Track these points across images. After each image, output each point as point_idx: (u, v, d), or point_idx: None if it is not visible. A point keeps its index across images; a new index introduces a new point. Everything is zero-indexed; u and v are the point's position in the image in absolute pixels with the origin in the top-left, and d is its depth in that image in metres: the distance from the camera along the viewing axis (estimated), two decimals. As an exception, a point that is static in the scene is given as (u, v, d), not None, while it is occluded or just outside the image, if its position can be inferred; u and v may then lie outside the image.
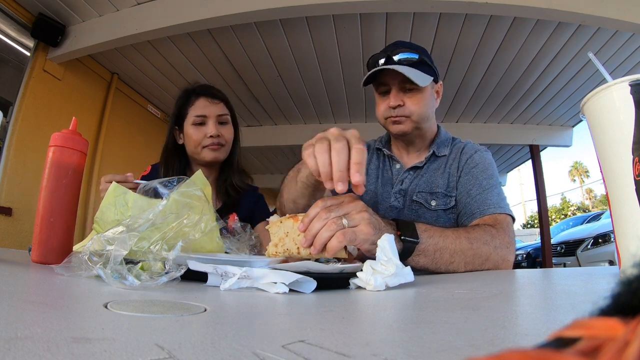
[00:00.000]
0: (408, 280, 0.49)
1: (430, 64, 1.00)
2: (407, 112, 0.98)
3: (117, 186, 0.66)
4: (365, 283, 0.48)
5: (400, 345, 0.22)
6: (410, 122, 0.99)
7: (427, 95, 0.99)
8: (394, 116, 0.98)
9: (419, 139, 1.06)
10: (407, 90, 0.97)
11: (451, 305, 0.39)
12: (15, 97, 2.62)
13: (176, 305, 0.33)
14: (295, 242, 0.60)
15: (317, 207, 0.61)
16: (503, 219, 0.88)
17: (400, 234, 0.67)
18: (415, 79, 0.93)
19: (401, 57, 0.96)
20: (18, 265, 0.60)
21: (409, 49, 0.98)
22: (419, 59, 0.97)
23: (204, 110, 1.19)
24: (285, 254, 0.61)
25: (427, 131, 1.05)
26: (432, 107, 1.03)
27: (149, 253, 0.48)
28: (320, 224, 0.58)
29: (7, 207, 2.48)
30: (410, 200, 1.01)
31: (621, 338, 0.09)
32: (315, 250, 0.58)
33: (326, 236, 0.58)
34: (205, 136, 1.19)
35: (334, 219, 0.59)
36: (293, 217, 0.62)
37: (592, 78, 3.45)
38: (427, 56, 1.00)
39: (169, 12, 2.57)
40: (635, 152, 0.43)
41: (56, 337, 0.20)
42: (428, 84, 0.97)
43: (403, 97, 0.98)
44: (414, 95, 0.97)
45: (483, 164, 0.98)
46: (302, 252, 0.60)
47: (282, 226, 0.62)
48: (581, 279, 0.57)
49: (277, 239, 0.62)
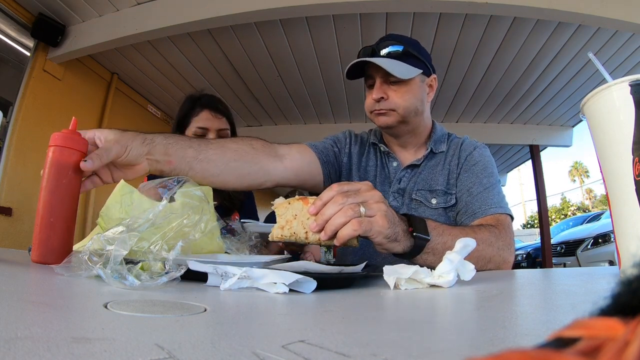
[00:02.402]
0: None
1: (418, 56, 0.97)
2: (393, 105, 0.95)
3: (124, 184, 0.66)
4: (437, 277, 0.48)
5: (400, 345, 0.22)
6: (396, 114, 0.96)
7: (414, 88, 0.96)
8: (377, 109, 0.97)
9: (408, 135, 1.03)
10: (392, 82, 0.95)
11: (451, 305, 0.39)
12: (15, 97, 2.62)
13: (176, 305, 0.33)
14: (303, 225, 0.57)
15: (332, 190, 0.58)
16: (504, 219, 0.87)
17: (412, 231, 0.66)
18: (396, 71, 0.91)
19: (387, 50, 0.95)
20: (18, 265, 0.60)
21: (395, 42, 0.96)
22: (403, 51, 0.94)
23: (206, 123, 1.24)
24: (291, 237, 0.58)
25: (418, 126, 1.02)
26: (421, 100, 0.99)
27: (149, 253, 0.48)
28: (335, 208, 0.56)
29: (7, 207, 2.48)
30: (409, 199, 0.99)
31: (621, 338, 0.09)
32: (326, 236, 0.55)
33: (340, 222, 0.55)
34: None
35: (351, 205, 0.56)
36: (303, 199, 0.59)
37: (592, 78, 3.45)
38: (415, 48, 0.98)
39: (169, 12, 2.57)
40: (635, 152, 0.43)
41: (56, 337, 0.20)
42: (413, 76, 0.95)
43: (387, 89, 0.95)
44: (399, 88, 0.95)
45: (483, 162, 0.97)
46: (310, 237, 0.57)
47: (290, 207, 0.59)
48: (581, 279, 0.58)
49: (283, 221, 0.58)
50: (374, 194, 0.61)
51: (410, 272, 0.48)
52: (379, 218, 0.58)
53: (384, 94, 0.95)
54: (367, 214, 0.58)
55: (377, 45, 0.97)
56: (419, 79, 0.98)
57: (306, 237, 0.57)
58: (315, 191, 0.97)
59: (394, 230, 0.61)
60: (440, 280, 0.48)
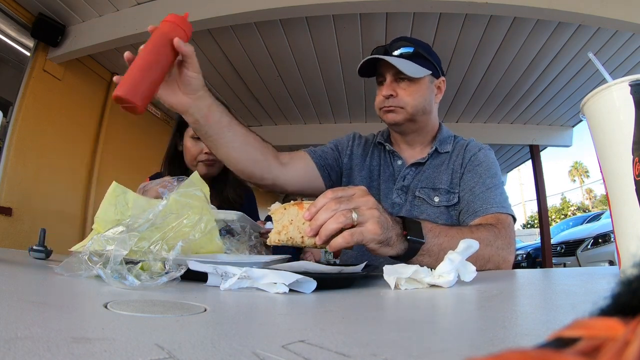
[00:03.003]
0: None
1: (428, 58, 1.02)
2: (401, 103, 0.99)
3: (117, 186, 0.66)
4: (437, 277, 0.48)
5: (400, 345, 0.22)
6: (405, 112, 1.00)
7: (422, 87, 1.01)
8: (386, 106, 1.01)
9: (415, 133, 1.06)
10: (401, 81, 1.00)
11: (451, 305, 0.39)
12: (15, 97, 2.62)
13: (176, 305, 0.33)
14: (299, 230, 0.58)
15: (326, 197, 0.59)
16: (505, 218, 0.87)
17: (406, 234, 0.66)
18: (407, 70, 0.96)
19: (399, 51, 1.00)
20: (18, 265, 0.60)
21: (407, 43, 1.01)
22: (414, 52, 0.99)
23: None
24: (288, 242, 0.59)
25: (425, 125, 1.06)
26: (429, 100, 1.03)
27: (149, 253, 0.48)
28: (328, 214, 0.57)
29: (7, 207, 2.48)
30: (412, 196, 1.00)
31: (621, 338, 0.09)
32: (320, 240, 0.57)
33: (333, 228, 0.56)
34: (201, 151, 1.23)
35: (344, 211, 0.57)
36: (298, 204, 0.60)
37: (592, 78, 3.45)
38: (425, 50, 1.02)
39: (168, 12, 2.52)
40: (635, 152, 0.43)
41: (56, 337, 0.20)
42: (421, 75, 0.99)
43: (397, 87, 1.00)
44: (408, 87, 0.99)
45: (487, 163, 0.98)
46: (306, 241, 0.58)
47: (286, 213, 0.60)
48: (581, 279, 0.58)
49: (280, 226, 0.60)
50: (368, 200, 0.61)
51: (410, 272, 0.48)
52: (371, 225, 0.59)
53: (394, 91, 0.99)
54: (359, 220, 0.58)
55: (390, 45, 1.02)
56: (428, 80, 1.02)
57: (302, 242, 0.59)
58: (318, 195, 0.99)
59: (387, 235, 0.62)
60: (441, 280, 0.48)
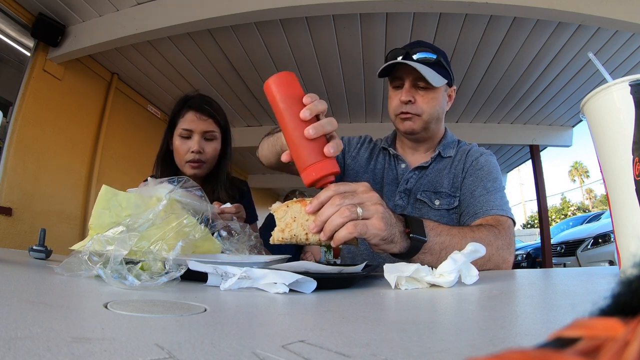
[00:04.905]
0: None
1: (446, 67, 1.02)
2: (419, 111, 0.99)
3: (107, 189, 0.65)
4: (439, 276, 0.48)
5: (400, 345, 0.22)
6: (421, 120, 1.00)
7: (439, 96, 1.01)
8: (404, 112, 1.00)
9: (426, 140, 1.08)
10: (420, 88, 0.99)
11: (451, 305, 0.39)
12: (15, 97, 2.62)
13: (176, 305, 0.33)
14: (303, 227, 0.58)
15: (329, 190, 0.58)
16: (504, 220, 0.88)
17: (409, 232, 0.66)
18: (429, 77, 0.95)
19: (420, 55, 0.98)
20: (18, 265, 0.60)
21: (428, 49, 1.00)
22: (436, 60, 0.99)
23: (190, 125, 1.21)
24: (292, 240, 0.58)
25: (435, 132, 1.07)
26: (443, 109, 1.04)
27: (149, 253, 0.48)
28: (333, 209, 0.56)
29: (7, 207, 2.48)
30: (414, 199, 1.02)
31: (621, 338, 0.09)
32: (325, 236, 0.56)
33: (338, 223, 0.56)
34: (189, 150, 1.21)
35: (348, 206, 0.57)
36: (301, 201, 0.59)
37: (592, 78, 3.45)
38: (445, 59, 1.03)
39: (169, 12, 2.56)
40: (635, 152, 0.43)
41: (56, 337, 0.20)
42: (441, 84, 0.99)
43: (415, 94, 0.99)
44: (426, 94, 0.99)
45: (488, 167, 0.99)
46: (310, 238, 0.57)
47: (288, 210, 0.59)
48: (581, 279, 0.57)
49: (283, 225, 0.59)
50: (372, 196, 0.61)
51: (411, 270, 0.48)
52: (375, 220, 0.58)
53: (412, 97, 0.99)
54: (363, 215, 0.58)
55: (410, 48, 1.00)
56: (443, 88, 1.03)
57: (306, 239, 0.58)
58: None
59: (391, 232, 0.61)
60: (441, 279, 0.48)
